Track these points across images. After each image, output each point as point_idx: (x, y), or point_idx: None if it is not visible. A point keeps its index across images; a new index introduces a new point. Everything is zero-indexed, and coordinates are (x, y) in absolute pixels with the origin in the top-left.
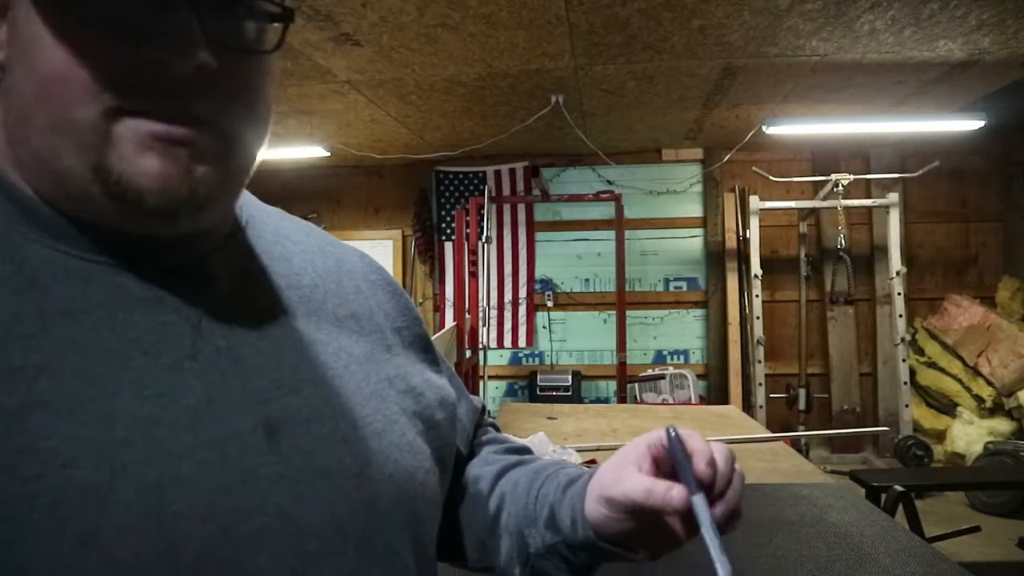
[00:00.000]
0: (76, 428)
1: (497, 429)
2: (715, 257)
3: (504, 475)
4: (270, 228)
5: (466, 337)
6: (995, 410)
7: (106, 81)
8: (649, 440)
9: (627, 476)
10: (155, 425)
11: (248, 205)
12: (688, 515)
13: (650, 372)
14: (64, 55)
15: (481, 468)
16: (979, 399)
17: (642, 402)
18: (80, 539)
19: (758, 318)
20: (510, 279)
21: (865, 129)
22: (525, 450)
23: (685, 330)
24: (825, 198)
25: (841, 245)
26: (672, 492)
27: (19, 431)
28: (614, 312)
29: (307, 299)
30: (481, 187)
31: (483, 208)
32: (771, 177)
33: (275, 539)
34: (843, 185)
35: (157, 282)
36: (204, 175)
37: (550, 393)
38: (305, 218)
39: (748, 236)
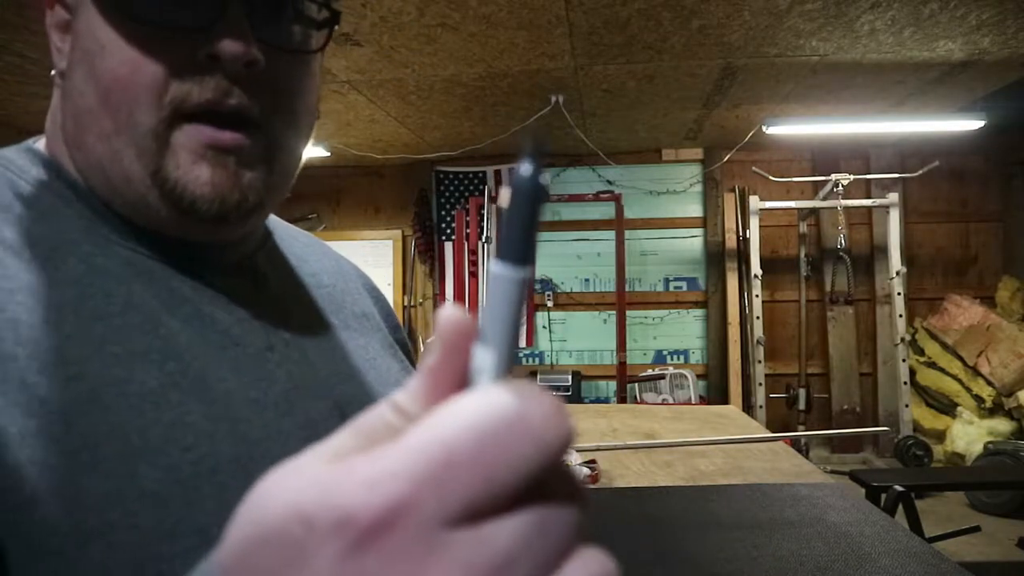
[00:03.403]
0: (209, 406)
1: None
2: (715, 257)
3: None
4: (283, 230)
5: None
6: (995, 410)
7: (165, 82)
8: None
9: None
10: (263, 407)
11: None
12: None
13: (650, 372)
14: (126, 59)
15: None
16: (979, 399)
17: (642, 402)
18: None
19: (758, 318)
20: None
21: (865, 129)
22: None
23: (685, 330)
24: (825, 198)
25: (841, 245)
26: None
27: (166, 406)
28: (614, 312)
29: (330, 297)
30: (481, 187)
31: (483, 208)
32: (771, 177)
33: None
34: (843, 185)
35: (223, 282)
36: (252, 181)
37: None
38: (305, 218)
39: (748, 236)
